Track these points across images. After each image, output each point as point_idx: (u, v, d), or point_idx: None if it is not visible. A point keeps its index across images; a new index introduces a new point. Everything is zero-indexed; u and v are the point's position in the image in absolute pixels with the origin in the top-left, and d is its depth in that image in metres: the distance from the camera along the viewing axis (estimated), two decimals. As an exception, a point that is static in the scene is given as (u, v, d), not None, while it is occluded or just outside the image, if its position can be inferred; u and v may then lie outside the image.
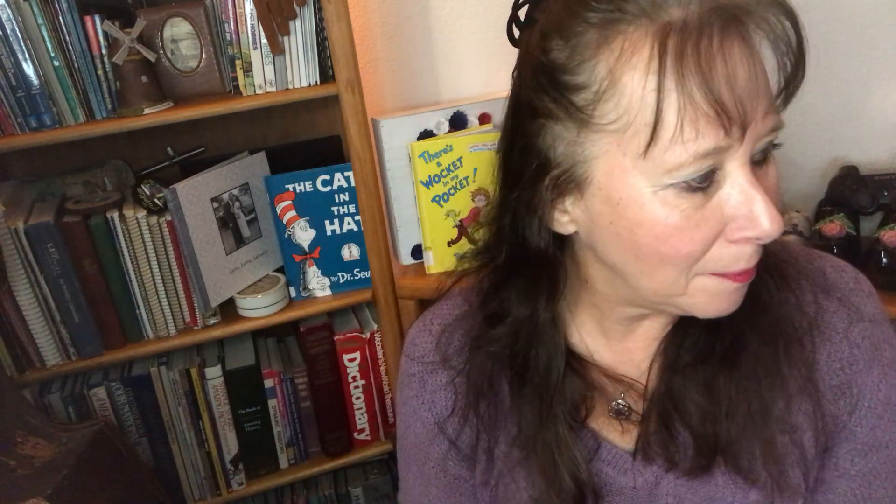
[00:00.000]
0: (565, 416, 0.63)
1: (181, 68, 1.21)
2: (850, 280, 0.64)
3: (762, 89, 0.48)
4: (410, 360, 0.73)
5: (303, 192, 1.27)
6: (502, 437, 0.67)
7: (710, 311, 0.55)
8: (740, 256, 0.51)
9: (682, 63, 0.45)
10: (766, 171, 0.52)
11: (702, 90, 0.45)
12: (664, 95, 0.46)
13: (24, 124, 1.11)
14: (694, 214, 0.49)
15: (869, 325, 0.62)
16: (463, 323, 0.70)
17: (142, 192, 1.19)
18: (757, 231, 0.49)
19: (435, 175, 1.23)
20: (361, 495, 1.50)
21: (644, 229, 0.51)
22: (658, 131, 0.47)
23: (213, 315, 1.28)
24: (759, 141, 0.49)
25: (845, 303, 0.62)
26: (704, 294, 0.53)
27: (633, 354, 0.65)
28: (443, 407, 0.70)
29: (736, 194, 0.49)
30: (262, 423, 1.35)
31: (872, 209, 1.17)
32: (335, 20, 1.14)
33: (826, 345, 0.62)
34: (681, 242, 0.50)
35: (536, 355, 0.64)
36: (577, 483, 0.62)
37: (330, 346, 1.34)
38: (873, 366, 0.62)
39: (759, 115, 0.48)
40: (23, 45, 1.07)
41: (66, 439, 1.09)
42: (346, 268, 1.34)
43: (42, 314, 1.16)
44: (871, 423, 0.62)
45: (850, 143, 1.28)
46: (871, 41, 1.21)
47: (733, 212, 0.50)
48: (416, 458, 0.73)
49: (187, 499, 1.35)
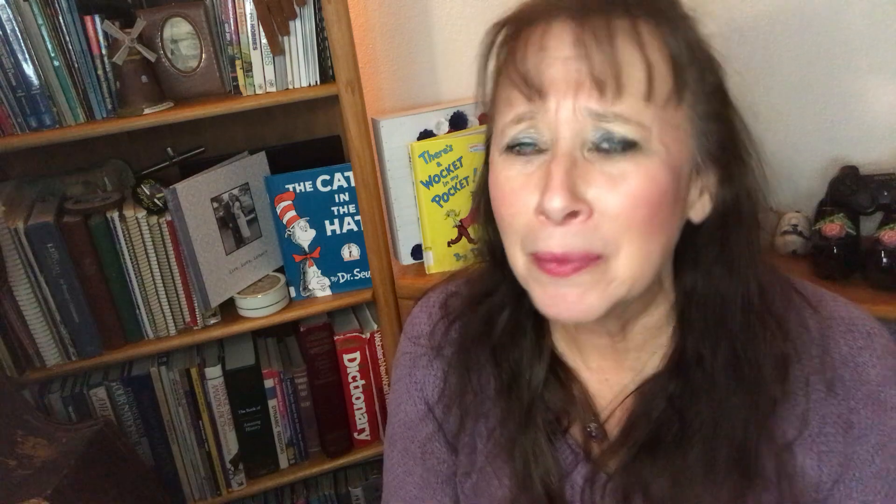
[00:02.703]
0: (545, 424, 0.62)
1: (181, 68, 1.21)
2: (861, 337, 0.58)
3: (584, 69, 0.49)
4: (406, 338, 0.74)
5: (303, 192, 1.27)
6: (485, 431, 0.67)
7: (543, 303, 0.54)
8: (543, 235, 0.51)
9: (505, 46, 0.55)
10: (621, 167, 0.50)
11: (511, 67, 0.53)
12: (497, 74, 0.56)
13: (24, 124, 1.11)
14: (517, 178, 0.53)
15: (874, 388, 0.57)
16: (466, 305, 0.70)
17: (142, 192, 1.19)
18: (541, 205, 0.50)
19: (435, 175, 1.23)
20: (361, 495, 1.50)
21: (492, 192, 0.56)
22: (491, 103, 0.57)
23: (213, 315, 1.28)
24: (582, 130, 0.50)
25: (849, 364, 0.57)
26: (534, 281, 0.54)
27: (607, 374, 0.64)
28: (431, 391, 0.71)
29: (545, 166, 0.51)
30: (262, 423, 1.35)
31: (872, 209, 1.17)
32: (335, 20, 1.14)
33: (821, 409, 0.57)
34: (506, 205, 0.54)
35: (519, 356, 0.64)
36: (548, 495, 0.61)
37: (330, 346, 1.34)
38: (871, 434, 0.57)
39: (571, 89, 0.50)
40: (23, 45, 1.07)
41: (66, 439, 1.09)
42: (346, 268, 1.34)
43: (42, 314, 1.16)
44: (861, 497, 0.57)
45: (850, 143, 1.28)
46: (871, 41, 1.21)
47: (538, 183, 0.51)
48: (402, 438, 0.73)
49: (187, 499, 1.35)
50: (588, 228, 0.50)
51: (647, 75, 0.50)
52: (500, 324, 0.64)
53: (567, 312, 0.53)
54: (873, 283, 1.10)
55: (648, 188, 0.50)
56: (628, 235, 0.51)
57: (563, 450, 0.63)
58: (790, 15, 1.25)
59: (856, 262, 1.12)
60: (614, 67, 0.49)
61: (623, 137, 0.50)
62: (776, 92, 1.29)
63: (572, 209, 0.49)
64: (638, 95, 0.50)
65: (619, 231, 0.50)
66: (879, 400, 0.57)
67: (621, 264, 0.52)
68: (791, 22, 1.25)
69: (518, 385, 0.63)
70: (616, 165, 0.50)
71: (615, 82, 0.49)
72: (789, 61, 1.27)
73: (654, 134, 0.50)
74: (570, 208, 0.49)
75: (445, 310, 0.72)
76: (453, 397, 0.68)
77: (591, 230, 0.50)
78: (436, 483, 0.71)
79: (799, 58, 1.26)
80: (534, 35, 0.52)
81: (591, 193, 0.50)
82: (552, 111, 0.51)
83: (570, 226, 0.50)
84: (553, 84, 0.50)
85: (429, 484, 0.71)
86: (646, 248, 0.52)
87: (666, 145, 0.51)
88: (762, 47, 1.29)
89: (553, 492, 0.61)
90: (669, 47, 0.51)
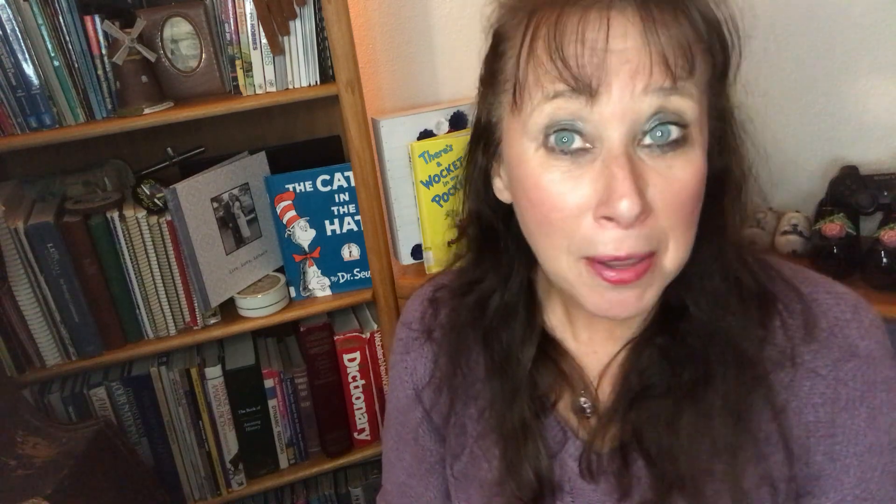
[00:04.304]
0: (532, 401, 0.62)
1: (181, 68, 1.21)
2: (848, 310, 0.58)
3: (635, 62, 0.47)
4: (401, 324, 0.75)
5: (303, 192, 1.27)
6: (475, 413, 0.67)
7: (597, 307, 0.53)
8: (604, 239, 0.50)
9: (538, 27, 0.49)
10: (670, 163, 0.50)
11: (548, 50, 0.48)
12: (523, 54, 0.51)
13: (24, 124, 1.11)
14: (564, 181, 0.50)
15: (863, 361, 0.57)
16: (454, 294, 0.71)
17: (142, 192, 1.19)
18: (610, 209, 0.48)
19: (435, 175, 1.23)
20: (361, 495, 1.50)
21: (525, 191, 0.53)
22: (518, 87, 0.51)
23: (213, 315, 1.28)
24: (638, 120, 0.49)
25: (837, 335, 0.57)
26: (585, 286, 0.53)
27: (596, 346, 0.64)
28: (422, 375, 0.71)
29: (599, 167, 0.49)
30: (262, 423, 1.35)
31: (872, 209, 1.17)
32: (335, 20, 1.14)
33: (808, 379, 0.57)
34: (551, 208, 0.51)
35: (510, 337, 0.64)
36: (537, 477, 0.61)
37: (330, 346, 1.34)
38: (861, 407, 0.57)
39: (623, 82, 0.48)
40: (23, 45, 1.07)
41: (66, 439, 1.09)
42: (346, 268, 1.34)
43: (42, 314, 1.16)
44: (859, 473, 0.57)
45: (850, 143, 1.28)
46: (871, 41, 1.21)
47: (595, 185, 0.49)
48: (396, 422, 0.75)
49: (187, 499, 1.35)
50: (646, 227, 0.50)
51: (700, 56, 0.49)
52: (491, 308, 0.65)
53: (625, 313, 0.53)
54: (873, 283, 1.10)
55: (694, 180, 0.51)
56: (677, 229, 0.51)
57: (553, 428, 0.63)
58: (790, 15, 1.25)
59: (856, 262, 1.12)
60: (682, 46, 0.48)
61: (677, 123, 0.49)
62: (776, 92, 1.29)
63: (644, 212, 0.49)
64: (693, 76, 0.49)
65: (669, 226, 0.51)
66: (869, 373, 0.57)
67: (670, 257, 0.52)
68: (791, 22, 1.25)
69: (509, 365, 0.63)
70: (666, 160, 0.50)
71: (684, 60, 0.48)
72: (789, 61, 1.27)
73: (697, 117, 0.50)
74: (643, 211, 0.48)
75: (436, 301, 0.73)
76: (443, 379, 0.69)
77: (648, 229, 0.50)
78: (428, 467, 0.72)
79: (799, 58, 1.26)
80: (566, 19, 0.48)
81: (649, 193, 0.49)
82: (604, 105, 0.48)
83: (634, 227, 0.49)
84: (602, 77, 0.48)
85: (416, 471, 0.73)
86: (689, 237, 0.53)
87: (701, 129, 0.51)
88: (762, 47, 1.29)
89: (541, 471, 0.61)
90: (707, 25, 0.50)
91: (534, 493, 0.61)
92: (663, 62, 0.47)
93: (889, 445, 0.58)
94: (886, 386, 0.57)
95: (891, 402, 0.57)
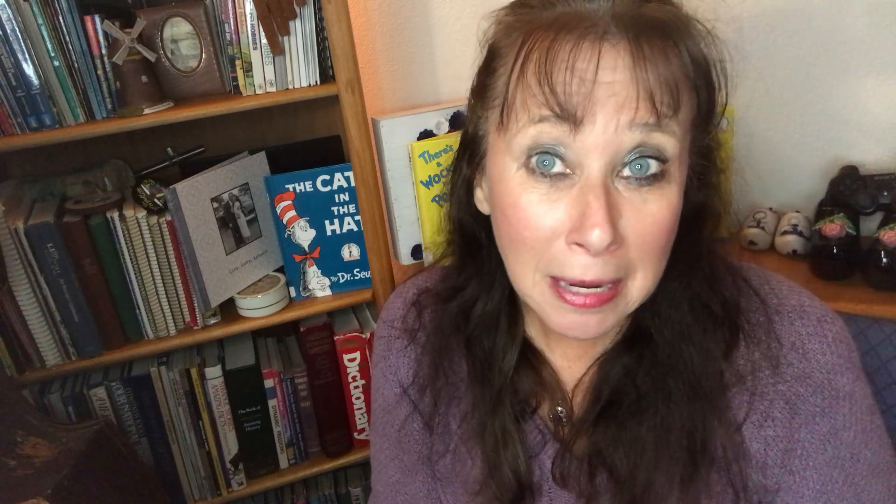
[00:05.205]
0: (513, 407, 0.63)
1: (181, 68, 1.21)
2: (811, 324, 0.59)
3: (622, 96, 0.48)
4: (382, 322, 0.76)
5: (303, 192, 1.27)
6: (459, 413, 0.68)
7: (559, 327, 0.55)
8: (573, 263, 0.51)
9: (531, 50, 0.50)
10: (645, 197, 0.51)
11: (538, 75, 0.49)
12: (514, 75, 0.51)
13: (24, 124, 1.11)
14: (541, 203, 0.52)
15: (824, 377, 0.57)
16: (438, 299, 0.71)
17: (142, 192, 1.19)
18: (581, 237, 0.49)
19: (435, 175, 1.24)
20: (361, 495, 1.50)
21: (503, 208, 0.54)
22: (506, 107, 0.53)
23: (213, 315, 1.28)
24: (619, 153, 0.50)
25: (798, 350, 0.58)
26: (548, 304, 0.54)
27: (570, 360, 0.66)
28: (405, 374, 0.72)
29: (576, 194, 0.50)
30: (262, 423, 1.35)
31: (872, 209, 1.17)
32: (335, 20, 1.14)
33: (767, 395, 0.58)
34: (525, 227, 0.53)
35: (493, 345, 0.65)
36: (517, 479, 0.62)
37: (330, 346, 1.34)
38: (821, 421, 0.57)
39: (608, 115, 0.48)
40: (23, 45, 1.07)
41: (66, 439, 1.09)
42: (346, 268, 1.34)
43: (42, 314, 1.16)
44: (818, 485, 0.58)
45: (850, 143, 1.28)
46: (870, 41, 1.21)
47: (570, 211, 0.51)
48: (384, 421, 0.75)
49: (187, 499, 1.35)
50: (616, 257, 0.51)
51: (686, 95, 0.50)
52: (474, 316, 0.66)
53: (585, 335, 0.55)
54: (873, 283, 1.10)
55: (667, 216, 0.52)
56: (646, 260, 0.52)
57: (532, 432, 0.65)
58: (790, 15, 1.25)
59: (856, 262, 1.12)
60: (669, 84, 0.49)
61: (657, 158, 0.50)
62: (776, 92, 1.29)
63: (615, 242, 0.50)
64: (677, 115, 0.50)
65: (638, 257, 0.52)
66: (830, 387, 0.58)
67: (636, 286, 0.54)
68: (791, 22, 1.25)
69: (491, 372, 0.64)
70: (642, 194, 0.51)
71: (670, 98, 0.49)
72: (789, 61, 1.27)
73: (677, 154, 0.51)
74: (613, 242, 0.49)
75: (419, 304, 0.73)
76: (426, 381, 0.70)
77: (618, 258, 0.51)
78: (415, 464, 0.73)
79: (799, 58, 1.26)
80: (559, 46, 0.49)
81: (621, 224, 0.51)
82: (587, 134, 0.49)
83: (603, 255, 0.50)
84: (587, 107, 0.49)
85: (408, 468, 0.73)
86: (658, 268, 0.54)
87: (680, 166, 0.52)
88: (762, 47, 1.29)
89: (521, 473, 0.62)
90: (695, 66, 0.51)
91: (513, 495, 0.63)
92: (649, 98, 0.48)
93: (851, 459, 0.58)
94: (849, 400, 0.58)
95: (853, 415, 0.58)
